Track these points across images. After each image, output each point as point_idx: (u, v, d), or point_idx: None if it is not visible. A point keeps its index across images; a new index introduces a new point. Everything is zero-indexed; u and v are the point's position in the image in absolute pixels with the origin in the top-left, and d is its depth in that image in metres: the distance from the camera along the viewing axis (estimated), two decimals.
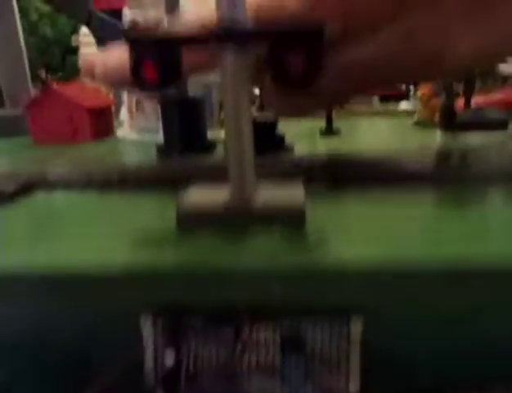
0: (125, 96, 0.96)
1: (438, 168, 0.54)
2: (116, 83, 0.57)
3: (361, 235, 0.35)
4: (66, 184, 0.55)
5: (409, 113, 1.17)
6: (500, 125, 0.74)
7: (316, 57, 0.33)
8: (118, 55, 0.52)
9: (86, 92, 1.04)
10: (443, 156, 0.58)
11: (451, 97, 0.76)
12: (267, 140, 0.74)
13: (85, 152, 0.81)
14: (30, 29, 3.16)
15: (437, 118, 0.90)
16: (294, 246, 0.33)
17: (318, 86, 0.37)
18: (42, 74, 2.65)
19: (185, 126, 0.72)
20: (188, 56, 0.36)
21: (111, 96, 1.17)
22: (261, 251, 0.32)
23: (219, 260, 0.32)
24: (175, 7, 0.95)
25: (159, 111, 0.88)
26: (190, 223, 0.37)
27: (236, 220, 0.37)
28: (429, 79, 0.67)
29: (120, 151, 0.85)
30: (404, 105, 1.34)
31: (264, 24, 0.34)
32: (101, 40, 2.15)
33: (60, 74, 3.32)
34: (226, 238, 0.35)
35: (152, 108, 0.89)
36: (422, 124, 0.95)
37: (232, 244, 0.34)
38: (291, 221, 0.36)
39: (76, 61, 2.98)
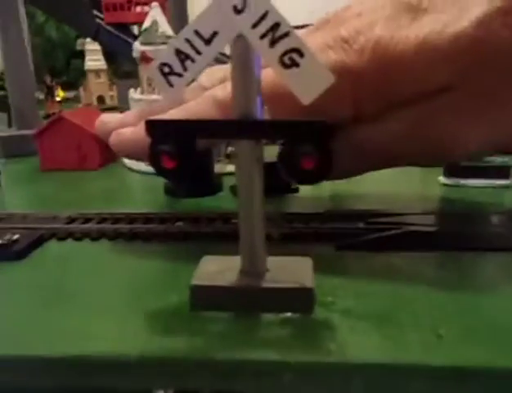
0: None
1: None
2: (130, 156, 0.59)
3: (373, 323, 0.36)
4: (77, 236, 0.56)
5: None
6: (502, 173, 0.75)
7: (329, 153, 0.34)
8: (132, 130, 0.53)
9: (93, 117, 1.05)
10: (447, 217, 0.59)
11: None
12: (274, 181, 0.76)
13: (93, 189, 0.82)
14: (36, 30, 3.15)
15: None
16: (302, 337, 0.34)
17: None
18: (48, 79, 2.64)
19: None
20: None
21: None
22: (271, 343, 0.34)
23: (231, 351, 0.33)
24: (184, 15, 0.95)
25: None
26: (203, 301, 0.38)
27: (247, 300, 0.38)
28: (438, 164, 0.70)
29: (128, 188, 0.86)
30: None
31: (278, 118, 0.35)
32: (110, 54, 2.17)
33: (65, 78, 3.29)
34: (238, 324, 0.36)
35: None
36: None
37: (243, 332, 0.35)
38: (300, 305, 0.37)
39: (80, 65, 2.99)
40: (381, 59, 0.43)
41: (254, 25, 0.32)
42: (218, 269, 0.41)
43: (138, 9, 1.72)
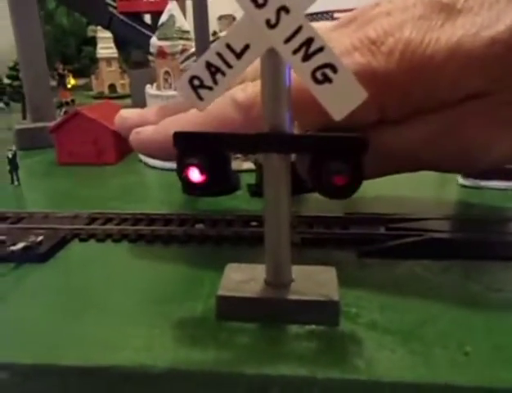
0: None
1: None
2: (151, 155, 0.58)
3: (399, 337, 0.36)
4: (99, 238, 0.56)
5: None
6: None
7: (358, 168, 0.34)
8: (153, 129, 0.53)
9: (110, 111, 1.05)
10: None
11: None
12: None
13: (111, 186, 0.83)
14: (47, 18, 3.13)
15: None
16: (329, 351, 0.34)
17: None
18: (60, 67, 2.64)
19: None
20: None
21: None
22: (298, 358, 0.34)
23: (258, 365, 0.33)
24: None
25: None
26: (229, 311, 0.39)
27: (273, 312, 0.38)
28: (460, 170, 0.69)
29: (145, 185, 0.86)
30: None
31: (307, 133, 0.34)
32: (121, 42, 2.15)
33: (76, 65, 3.29)
34: (264, 336, 0.37)
35: None
36: None
37: (270, 345, 0.35)
38: (326, 317, 0.38)
39: (91, 52, 2.97)
40: (410, 62, 0.42)
41: (287, 40, 0.31)
42: (243, 279, 0.41)
43: None
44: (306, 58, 0.32)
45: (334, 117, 0.32)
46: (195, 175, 0.35)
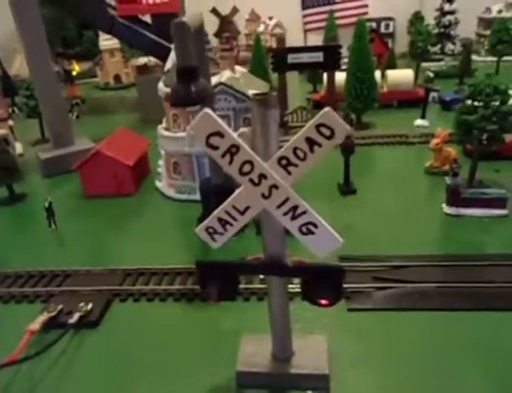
0: (162, 151, 1.06)
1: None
2: None
3: None
4: (136, 298, 0.68)
5: (423, 137, 1.25)
6: (500, 203, 0.83)
7: (339, 287, 0.45)
8: None
9: (126, 142, 1.15)
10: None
11: (455, 176, 0.84)
12: None
13: (137, 228, 0.94)
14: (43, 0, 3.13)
15: (447, 167, 0.99)
16: None
17: None
18: (64, 63, 2.67)
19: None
20: None
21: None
22: None
23: None
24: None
25: (195, 171, 0.99)
26: (246, 383, 0.51)
27: (280, 382, 0.51)
28: None
29: (166, 227, 0.96)
30: (419, 122, 1.39)
31: (299, 264, 0.45)
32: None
33: (78, 49, 3.30)
34: None
35: (188, 170, 0.99)
36: (433, 173, 1.04)
37: None
38: (319, 385, 0.50)
39: (92, 36, 2.98)
40: None
41: (278, 206, 0.41)
42: (255, 351, 0.53)
43: (150, 0, 1.72)
44: (293, 218, 0.41)
45: (318, 256, 0.43)
46: (212, 291, 0.46)
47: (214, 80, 0.93)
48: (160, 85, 0.97)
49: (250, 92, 0.91)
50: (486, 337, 0.56)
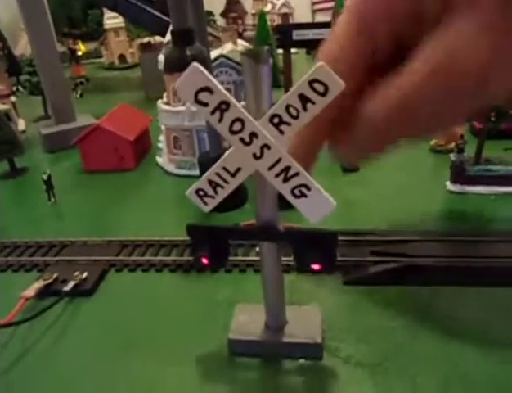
0: (162, 127, 1.05)
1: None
2: None
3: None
4: (131, 268, 0.68)
5: None
6: (507, 181, 0.80)
7: (331, 253, 0.44)
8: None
9: (127, 118, 1.14)
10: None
11: (461, 152, 0.82)
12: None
13: (134, 199, 0.93)
14: None
15: (452, 145, 0.96)
16: (312, 385, 0.46)
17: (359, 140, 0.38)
18: (70, 42, 2.66)
19: None
20: None
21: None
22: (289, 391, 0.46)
23: None
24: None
25: (196, 146, 0.98)
26: (238, 350, 0.50)
27: (272, 351, 0.50)
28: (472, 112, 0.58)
29: (167, 200, 0.95)
30: None
31: (291, 229, 0.44)
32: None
33: (84, 29, 3.28)
34: (265, 370, 0.49)
35: (188, 145, 0.98)
36: (438, 151, 1.01)
37: (269, 379, 0.47)
38: (312, 354, 0.49)
39: (98, 15, 2.95)
40: None
41: (270, 168, 0.40)
42: (249, 320, 0.52)
43: None
44: (285, 180, 0.40)
45: (311, 221, 0.42)
46: (203, 256, 0.45)
47: (215, 53, 0.91)
48: (160, 57, 0.95)
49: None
50: (486, 314, 0.55)
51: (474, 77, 0.34)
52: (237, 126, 0.38)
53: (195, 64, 0.36)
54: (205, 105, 0.38)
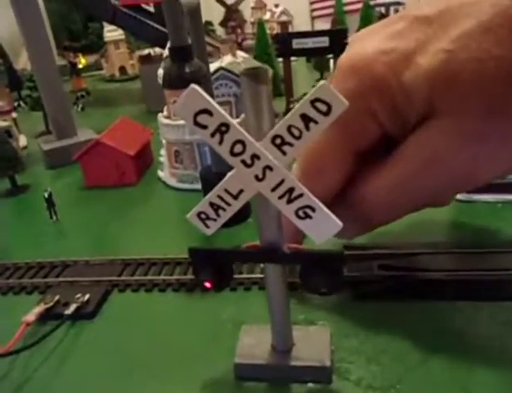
0: (163, 141, 1.04)
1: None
2: None
3: None
4: (134, 289, 0.67)
5: None
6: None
7: (338, 275, 0.42)
8: None
9: (128, 132, 1.13)
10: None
11: None
12: None
13: (137, 217, 0.92)
14: None
15: None
16: None
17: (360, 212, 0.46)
18: (70, 55, 2.67)
19: None
20: None
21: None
22: None
23: None
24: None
25: (197, 159, 0.97)
26: (245, 374, 0.49)
27: (279, 374, 0.48)
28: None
29: (167, 216, 0.94)
30: None
31: (296, 251, 0.42)
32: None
33: (84, 41, 3.30)
34: None
35: (190, 159, 0.97)
36: None
37: None
38: (320, 378, 0.47)
39: (98, 28, 2.97)
40: None
41: (273, 189, 0.38)
42: (255, 343, 0.51)
43: None
44: (289, 201, 0.39)
45: (316, 242, 0.40)
46: (206, 279, 0.44)
47: (215, 65, 0.90)
48: (160, 71, 0.95)
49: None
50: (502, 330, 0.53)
51: (461, 175, 0.43)
52: (238, 148, 0.37)
53: (194, 86, 0.35)
54: (205, 127, 0.36)
